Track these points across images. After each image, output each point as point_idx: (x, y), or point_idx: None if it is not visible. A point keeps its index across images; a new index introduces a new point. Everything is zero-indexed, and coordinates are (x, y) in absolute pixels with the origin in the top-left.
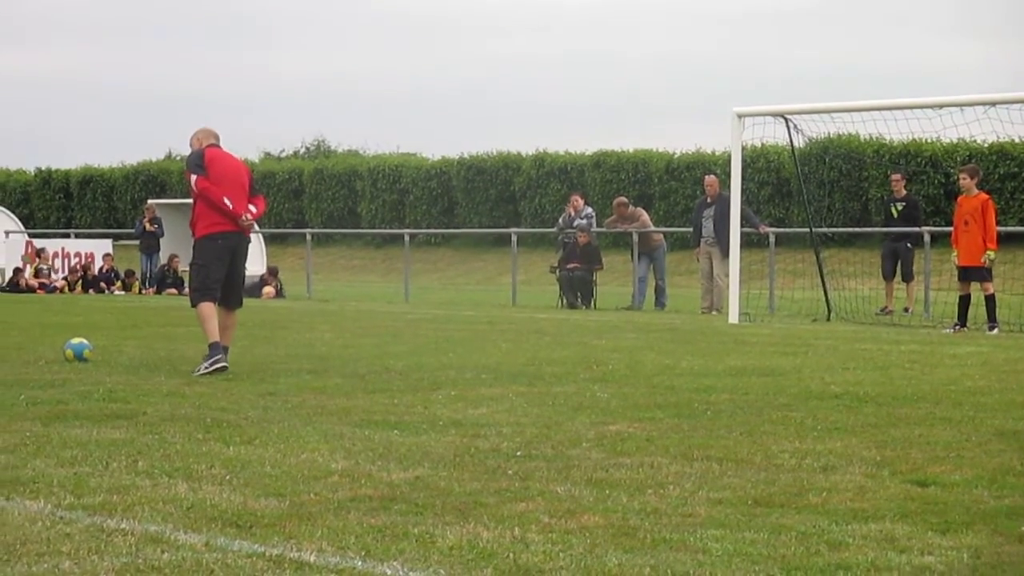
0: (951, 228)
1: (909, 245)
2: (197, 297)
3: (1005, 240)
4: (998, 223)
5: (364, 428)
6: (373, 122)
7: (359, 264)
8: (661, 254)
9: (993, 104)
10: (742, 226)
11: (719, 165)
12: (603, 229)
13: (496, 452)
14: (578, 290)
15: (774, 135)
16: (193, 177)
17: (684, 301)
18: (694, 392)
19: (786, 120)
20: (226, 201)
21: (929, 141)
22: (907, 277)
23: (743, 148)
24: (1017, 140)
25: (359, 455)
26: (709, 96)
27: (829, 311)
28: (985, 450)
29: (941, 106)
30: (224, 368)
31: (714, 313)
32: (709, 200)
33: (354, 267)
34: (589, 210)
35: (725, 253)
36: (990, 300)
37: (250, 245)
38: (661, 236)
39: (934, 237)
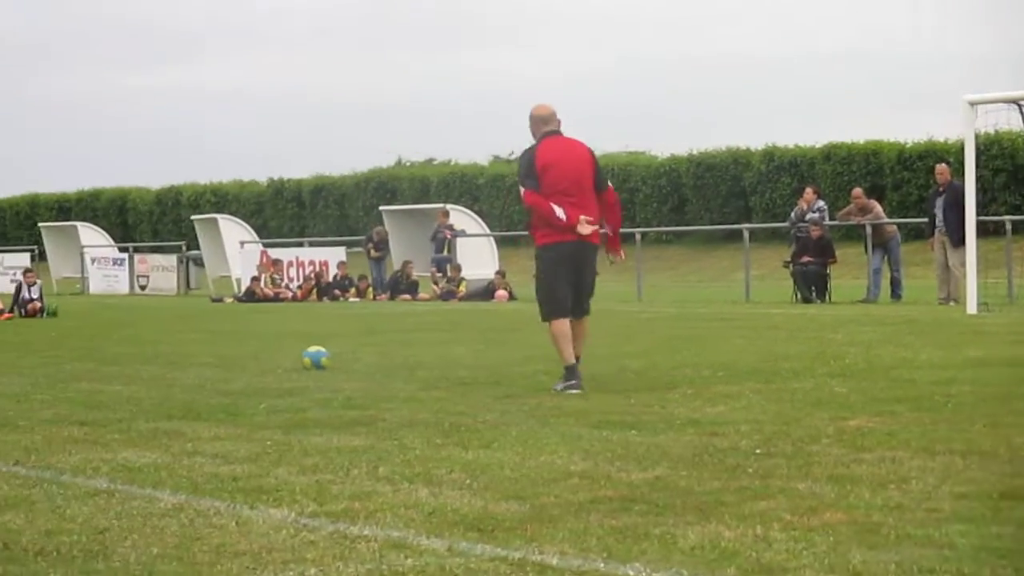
0: None
1: None
2: (546, 313)
3: None
4: None
5: (602, 429)
6: (598, 123)
7: None
8: (895, 245)
9: None
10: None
11: (952, 154)
12: (836, 222)
13: (735, 450)
14: (812, 284)
15: (1008, 122)
16: (521, 190)
17: (920, 292)
18: (934, 385)
19: (1019, 107)
20: (559, 213)
21: None
22: None
23: (976, 136)
24: None
25: (598, 456)
26: (939, 84)
27: None
28: None
29: None
30: (578, 393)
31: (951, 304)
32: (941, 189)
33: None
34: (822, 203)
35: (956, 242)
36: None
37: (592, 251)
38: (895, 227)
39: None
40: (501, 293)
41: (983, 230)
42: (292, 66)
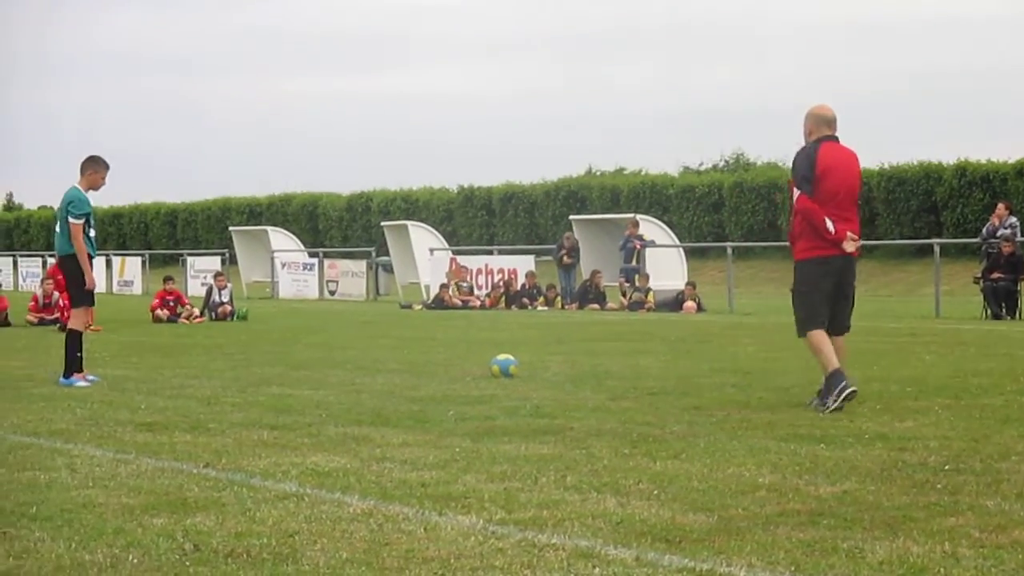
0: None
1: None
2: (803, 327)
3: None
4: None
5: (790, 442)
6: (787, 134)
7: (780, 276)
8: None
9: None
10: None
11: None
12: None
13: (924, 466)
14: (1003, 300)
15: None
16: (796, 192)
17: None
18: None
19: None
20: (829, 225)
21: None
22: None
23: None
24: None
25: (786, 469)
26: None
27: None
28: None
29: None
30: (853, 393)
31: None
32: None
33: (775, 279)
34: (1014, 219)
35: None
36: None
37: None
38: None
39: None
40: (690, 304)
41: None
42: (485, 71)
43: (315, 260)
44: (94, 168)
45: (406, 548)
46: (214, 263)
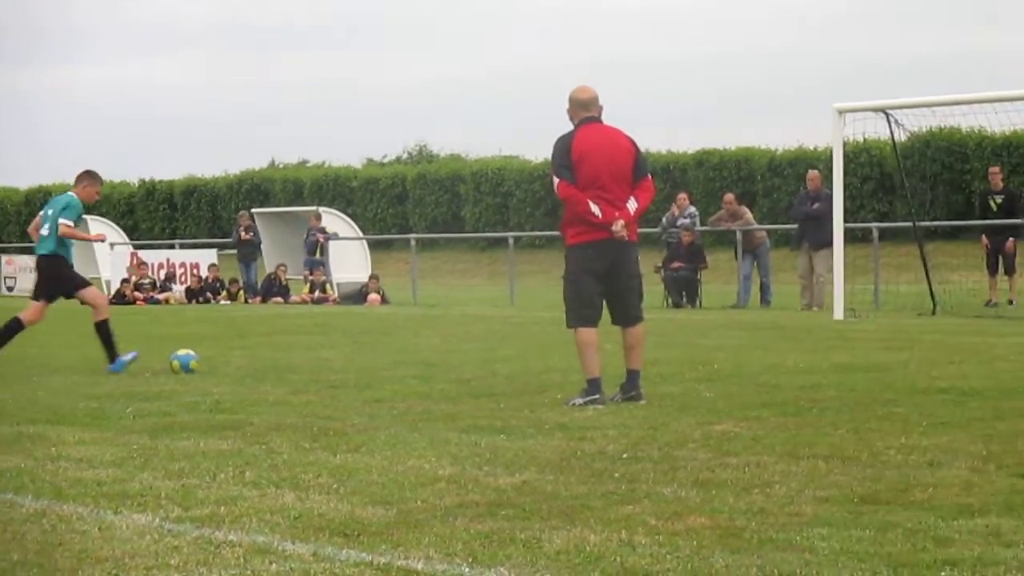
0: None
1: (1012, 238)
2: (571, 319)
3: None
4: None
5: (470, 433)
6: (473, 126)
7: (464, 268)
8: (765, 251)
9: None
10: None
11: (822, 161)
12: (707, 227)
13: (602, 455)
14: (683, 289)
15: (875, 130)
16: (555, 180)
17: (790, 298)
18: (800, 390)
19: (887, 115)
20: (594, 209)
21: None
22: (1009, 270)
23: (845, 143)
24: None
25: (465, 461)
26: (810, 92)
27: (935, 305)
28: None
29: None
30: (600, 405)
31: (814, 309)
32: (810, 195)
33: (459, 271)
34: (692, 209)
35: (818, 248)
36: None
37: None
38: (764, 233)
39: None
40: (374, 297)
41: (850, 236)
42: (162, 66)
43: None
44: (90, 182)
45: (79, 548)
46: None
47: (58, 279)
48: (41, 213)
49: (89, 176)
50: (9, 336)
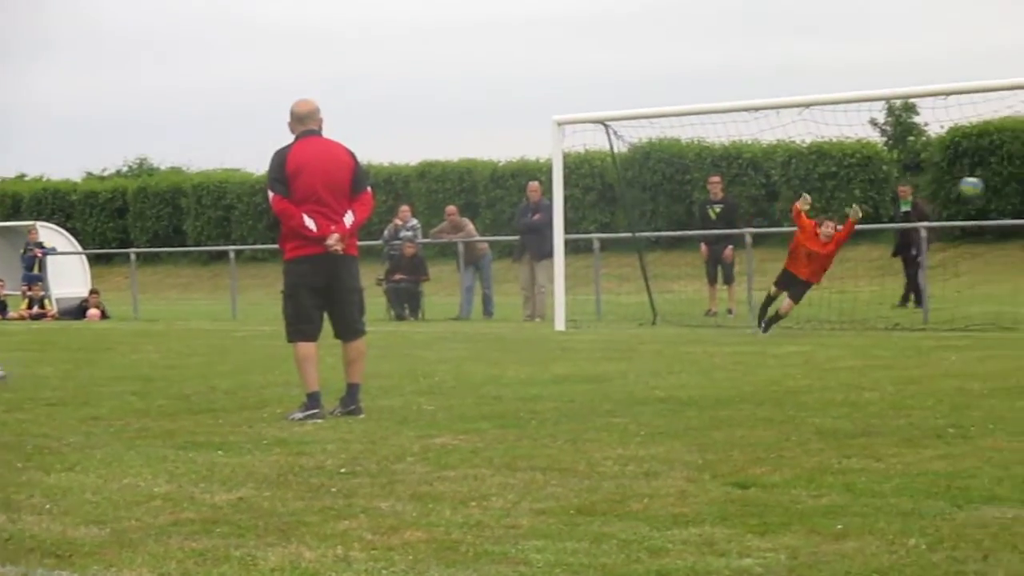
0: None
1: (730, 247)
2: (290, 334)
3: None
4: (819, 223)
5: (188, 450)
6: (195, 139)
7: (186, 282)
8: (487, 263)
9: (807, 106)
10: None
11: (544, 172)
12: (429, 240)
13: (320, 469)
14: (405, 302)
15: (596, 142)
16: (269, 195)
17: (513, 310)
18: (520, 401)
19: (606, 127)
20: (308, 224)
21: (748, 143)
22: (728, 279)
23: (566, 155)
24: (833, 140)
25: (182, 478)
26: (533, 104)
27: (655, 315)
28: (805, 449)
29: (757, 108)
30: (320, 419)
31: (536, 320)
32: (531, 206)
33: (181, 285)
34: (415, 221)
35: (540, 259)
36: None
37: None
38: (487, 245)
39: (756, 238)
40: (93, 312)
41: (572, 247)
42: None
43: None
44: None
45: None
46: None
47: None
48: None
49: None
50: None
